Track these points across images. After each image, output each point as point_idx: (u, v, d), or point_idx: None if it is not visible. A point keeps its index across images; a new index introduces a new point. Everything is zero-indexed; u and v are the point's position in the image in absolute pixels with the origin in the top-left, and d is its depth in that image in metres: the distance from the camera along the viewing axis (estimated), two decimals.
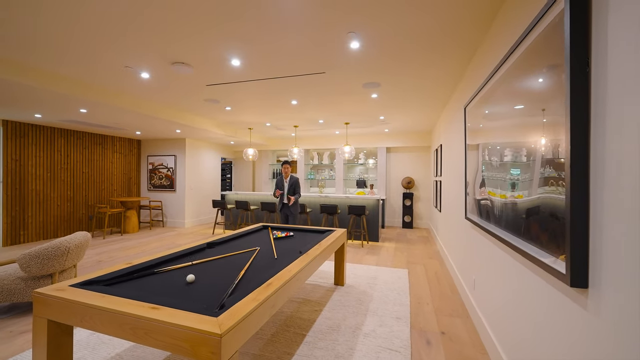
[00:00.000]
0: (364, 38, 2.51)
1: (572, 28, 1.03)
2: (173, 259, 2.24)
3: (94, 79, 3.56)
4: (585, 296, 1.04)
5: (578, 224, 1.02)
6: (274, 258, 2.36)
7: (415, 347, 2.22)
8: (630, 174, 0.83)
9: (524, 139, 1.51)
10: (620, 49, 0.87)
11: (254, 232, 3.44)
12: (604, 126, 0.94)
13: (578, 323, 1.08)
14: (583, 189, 1.01)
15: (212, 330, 1.16)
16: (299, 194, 5.04)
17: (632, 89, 0.82)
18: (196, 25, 2.32)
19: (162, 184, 7.67)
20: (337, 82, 3.67)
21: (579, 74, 1.02)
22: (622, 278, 0.84)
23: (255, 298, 1.47)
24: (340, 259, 3.42)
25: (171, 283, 1.77)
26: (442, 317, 2.71)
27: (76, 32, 2.44)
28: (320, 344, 2.22)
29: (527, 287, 1.52)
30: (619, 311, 0.85)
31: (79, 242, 2.87)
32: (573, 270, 1.03)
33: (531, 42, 1.40)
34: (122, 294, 1.50)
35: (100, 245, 5.54)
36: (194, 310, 1.33)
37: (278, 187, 5.08)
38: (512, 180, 1.67)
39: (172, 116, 5.22)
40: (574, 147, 1.03)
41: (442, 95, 4.26)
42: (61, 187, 6.14)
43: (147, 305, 1.36)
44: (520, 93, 1.55)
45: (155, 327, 1.25)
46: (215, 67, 3.20)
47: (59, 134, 6.10)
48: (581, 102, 1.02)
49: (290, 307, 2.86)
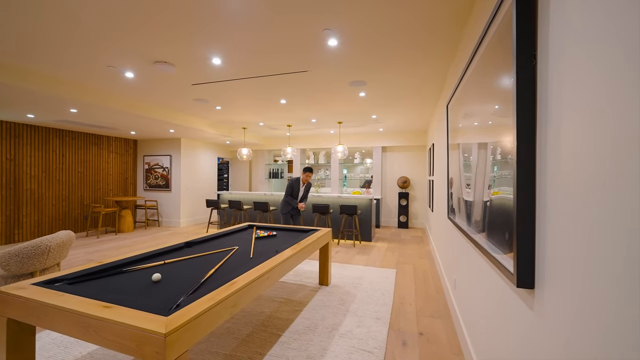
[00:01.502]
0: (340, 35, 2.49)
1: (518, 18, 1.00)
2: (146, 257, 2.24)
3: (80, 79, 3.58)
4: (532, 297, 1.01)
5: (524, 224, 0.99)
6: (249, 257, 2.35)
7: (389, 348, 2.19)
8: (570, 172, 0.80)
9: (485, 138, 1.47)
10: (561, 43, 0.84)
11: (238, 231, 3.43)
12: (546, 123, 0.90)
13: (526, 324, 1.04)
14: (529, 189, 0.98)
15: (157, 329, 1.15)
16: (306, 199, 5.05)
17: (572, 86, 0.79)
18: (174, 25, 2.31)
19: (158, 183, 7.71)
20: (322, 80, 3.64)
21: (525, 68, 0.99)
22: (563, 279, 0.81)
23: (212, 298, 1.45)
24: (324, 259, 3.40)
25: (136, 282, 1.77)
26: (422, 318, 2.67)
27: (58, 32, 2.45)
28: (294, 344, 2.20)
29: (492, 287, 1.49)
30: (561, 313, 0.82)
31: (61, 241, 2.88)
32: (519, 271, 1.00)
33: (492, 36, 1.37)
34: (81, 292, 1.49)
35: (93, 244, 5.58)
36: (146, 309, 1.31)
37: (293, 189, 4.82)
38: (478, 180, 1.63)
39: (164, 116, 5.24)
40: (520, 144, 0.99)
41: (432, 94, 4.22)
42: (56, 187, 6.19)
43: (100, 304, 1.35)
44: (484, 92, 1.51)
45: (104, 326, 1.24)
46: (197, 66, 3.19)
47: (54, 134, 6.15)
48: (527, 97, 0.99)
49: (271, 306, 2.84)
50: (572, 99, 0.76)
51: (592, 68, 0.68)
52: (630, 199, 0.55)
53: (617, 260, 0.59)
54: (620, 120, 0.58)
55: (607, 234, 0.62)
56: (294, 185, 4.80)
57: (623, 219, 0.57)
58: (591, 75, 0.68)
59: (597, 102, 0.66)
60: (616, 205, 0.59)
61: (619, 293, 0.58)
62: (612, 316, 0.60)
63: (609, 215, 0.61)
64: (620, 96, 0.58)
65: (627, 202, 0.56)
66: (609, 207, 0.61)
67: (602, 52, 0.64)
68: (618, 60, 0.59)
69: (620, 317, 0.58)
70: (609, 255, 0.61)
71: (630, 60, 0.56)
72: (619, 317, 0.58)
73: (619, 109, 0.59)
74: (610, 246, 0.61)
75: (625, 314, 0.56)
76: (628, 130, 0.56)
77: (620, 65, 0.59)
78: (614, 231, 0.60)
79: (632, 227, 0.55)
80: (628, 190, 0.56)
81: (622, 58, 0.58)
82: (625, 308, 0.56)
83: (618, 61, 0.59)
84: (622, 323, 0.57)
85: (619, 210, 0.58)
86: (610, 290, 0.61)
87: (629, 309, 0.55)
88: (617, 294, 0.59)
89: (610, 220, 0.61)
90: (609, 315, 0.61)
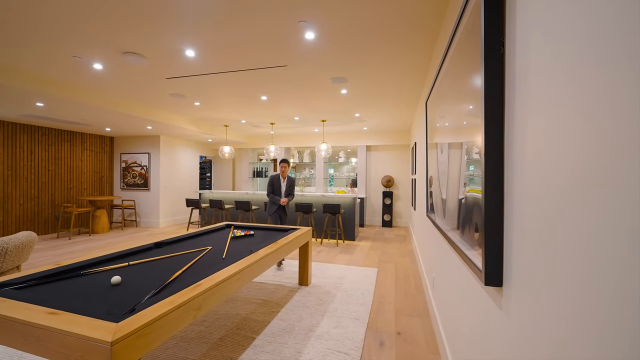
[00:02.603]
0: (317, 28, 2.42)
1: (485, 5, 0.96)
2: (109, 259, 2.10)
3: (44, 70, 3.36)
4: (500, 295, 0.97)
5: (492, 222, 0.95)
6: (222, 258, 2.25)
7: (366, 349, 2.14)
8: (536, 170, 0.76)
9: (460, 138, 1.44)
10: (526, 31, 0.79)
11: (214, 231, 3.31)
12: (513, 119, 0.86)
13: (496, 323, 1.01)
14: (497, 187, 0.94)
15: (103, 337, 1.04)
16: (292, 195, 4.51)
17: (537, 79, 0.75)
18: (141, 13, 2.18)
19: (136, 182, 7.43)
20: (302, 76, 3.57)
21: (492, 56, 0.95)
22: (530, 278, 0.77)
23: (172, 301, 1.36)
24: (304, 259, 3.33)
25: (93, 286, 1.64)
26: (401, 317, 2.64)
27: (18, 19, 2.27)
28: (267, 348, 2.12)
29: (465, 285, 1.46)
30: (527, 313, 0.78)
31: (19, 243, 2.68)
32: (487, 268, 0.96)
33: (464, 26, 1.33)
34: (28, 298, 1.36)
35: (64, 246, 5.30)
36: (96, 315, 1.21)
37: (274, 187, 4.42)
38: (454, 178, 1.60)
39: (140, 112, 5.03)
40: (488, 140, 0.95)
41: (413, 91, 4.22)
42: (24, 186, 5.86)
43: (44, 310, 1.23)
44: (459, 89, 1.48)
45: (46, 335, 1.12)
46: (170, 59, 3.05)
47: (21, 129, 5.81)
48: (495, 87, 0.94)
49: (247, 308, 2.74)
50: (538, 91, 0.72)
51: (557, 57, 0.63)
52: (598, 198, 0.51)
53: (582, 259, 0.54)
54: (587, 115, 0.54)
55: (572, 232, 0.58)
56: (273, 182, 4.43)
57: (588, 218, 0.53)
58: (556, 65, 0.64)
59: (563, 95, 0.61)
60: (582, 204, 0.55)
61: (583, 293, 0.54)
62: (578, 316, 0.56)
63: (575, 213, 0.57)
64: (589, 87, 0.54)
65: (594, 201, 0.52)
66: (576, 205, 0.57)
67: (567, 38, 0.60)
68: (583, 46, 0.55)
69: (585, 316, 0.53)
70: (574, 254, 0.57)
71: (598, 50, 0.51)
72: (584, 317, 0.54)
73: (587, 102, 0.54)
74: (576, 245, 0.56)
75: (589, 313, 0.52)
76: (596, 125, 0.51)
77: (586, 53, 0.54)
78: (580, 230, 0.55)
79: (596, 227, 0.50)
80: (595, 189, 0.51)
81: (588, 45, 0.53)
82: (589, 307, 0.52)
83: (583, 48, 0.55)
84: (587, 323, 0.52)
85: (585, 209, 0.54)
86: (575, 290, 0.56)
87: (593, 308, 0.51)
88: (581, 294, 0.54)
89: (576, 219, 0.57)
90: (575, 315, 0.57)
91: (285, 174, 4.43)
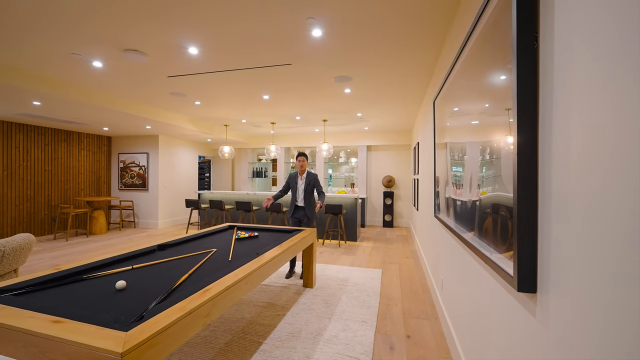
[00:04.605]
0: (325, 25, 2.37)
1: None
2: (112, 262, 2.03)
3: (41, 67, 3.28)
4: (534, 302, 0.92)
5: (525, 223, 0.90)
6: (228, 261, 2.19)
7: (377, 354, 2.09)
8: (578, 166, 0.71)
9: (475, 137, 1.39)
10: (569, 24, 0.75)
11: (217, 232, 3.25)
12: (551, 112, 0.82)
13: (527, 332, 0.96)
14: (531, 185, 0.89)
15: (112, 348, 0.98)
16: (322, 195, 3.74)
17: (581, 71, 0.70)
18: (143, 8, 2.12)
19: (134, 182, 7.33)
20: (306, 75, 3.51)
21: (525, 51, 0.90)
22: (571, 283, 0.72)
23: (182, 307, 1.30)
24: (309, 260, 3.27)
25: (97, 291, 1.58)
26: (409, 320, 2.60)
27: (14, 14, 2.19)
28: (276, 353, 2.06)
29: (486, 289, 1.41)
30: (568, 321, 0.73)
31: (17, 245, 2.60)
32: (520, 274, 0.91)
33: (483, 26, 1.29)
34: (29, 305, 1.29)
35: (61, 248, 5.20)
36: (103, 323, 1.14)
37: (289, 185, 3.82)
38: (468, 179, 1.55)
39: (138, 111, 4.94)
40: (521, 134, 0.91)
41: (417, 91, 4.18)
42: (20, 186, 5.74)
43: (48, 319, 1.16)
44: (474, 89, 1.43)
45: (50, 345, 1.06)
46: (172, 56, 2.99)
47: (17, 128, 5.70)
48: (529, 85, 0.90)
49: (252, 311, 2.68)
50: (582, 84, 0.67)
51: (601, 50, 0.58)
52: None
53: (633, 261, 0.49)
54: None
55: (621, 232, 0.53)
56: (290, 180, 3.81)
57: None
58: (605, 55, 0.59)
59: (611, 91, 0.56)
60: (633, 201, 0.50)
61: (637, 299, 0.49)
62: (630, 325, 0.51)
63: (624, 212, 0.52)
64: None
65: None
66: (626, 203, 0.52)
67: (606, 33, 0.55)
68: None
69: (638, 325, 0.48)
70: (624, 255, 0.52)
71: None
72: (637, 325, 0.49)
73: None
74: (627, 246, 0.52)
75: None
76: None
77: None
78: (630, 230, 0.50)
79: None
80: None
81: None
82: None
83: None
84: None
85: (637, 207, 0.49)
86: (627, 296, 0.52)
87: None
88: (634, 300, 0.50)
89: (626, 217, 0.52)
90: (626, 324, 0.52)
91: (303, 170, 3.76)
